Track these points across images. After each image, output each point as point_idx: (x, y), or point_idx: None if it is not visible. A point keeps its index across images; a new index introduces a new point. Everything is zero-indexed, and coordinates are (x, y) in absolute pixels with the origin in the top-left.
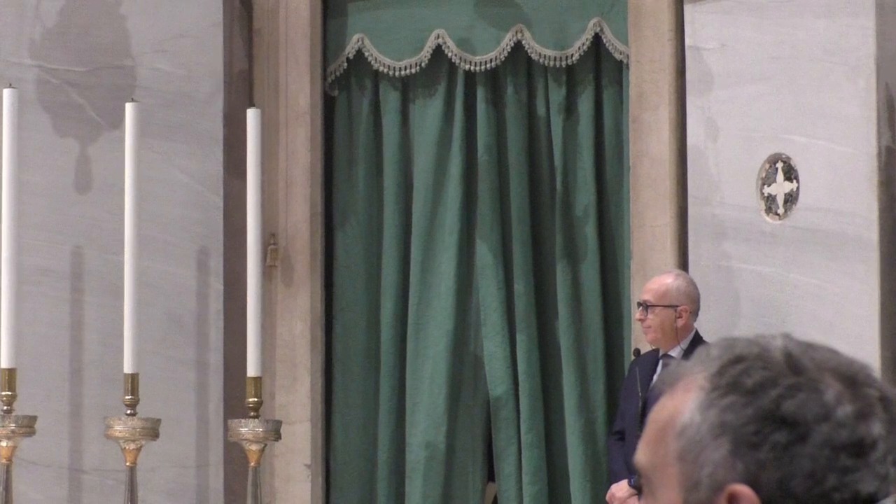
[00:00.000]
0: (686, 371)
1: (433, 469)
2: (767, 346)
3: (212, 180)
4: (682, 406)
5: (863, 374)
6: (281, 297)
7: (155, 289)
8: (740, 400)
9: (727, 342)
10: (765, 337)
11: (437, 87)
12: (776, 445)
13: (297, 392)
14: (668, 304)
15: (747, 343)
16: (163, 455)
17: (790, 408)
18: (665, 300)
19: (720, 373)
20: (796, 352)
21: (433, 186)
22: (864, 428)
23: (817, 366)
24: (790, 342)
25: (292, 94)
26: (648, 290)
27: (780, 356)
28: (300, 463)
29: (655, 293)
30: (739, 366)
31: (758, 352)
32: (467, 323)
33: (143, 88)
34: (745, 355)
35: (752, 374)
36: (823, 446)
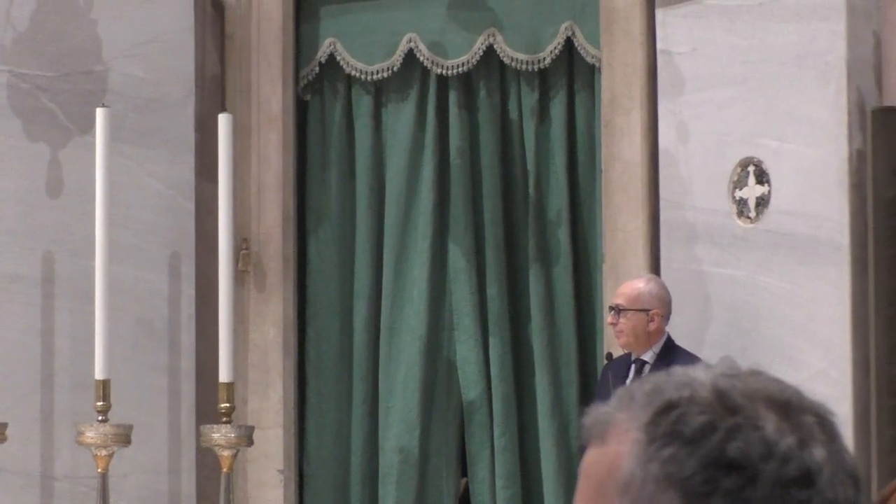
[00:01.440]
0: (612, 420)
1: (406, 473)
2: (695, 385)
3: (183, 185)
4: (619, 460)
5: (795, 398)
6: (253, 302)
7: (126, 294)
8: (682, 450)
9: (650, 384)
10: (687, 372)
11: (410, 91)
12: (728, 492)
13: (270, 397)
14: (641, 308)
15: (674, 385)
16: (135, 461)
17: (735, 451)
18: (637, 304)
19: (654, 422)
20: (726, 387)
21: (406, 190)
22: (808, 456)
23: (750, 399)
24: (716, 376)
25: (264, 99)
26: (620, 294)
27: (711, 395)
28: (273, 468)
29: (628, 297)
30: (674, 412)
31: (689, 395)
32: (440, 327)
33: (114, 93)
34: (676, 400)
35: (689, 420)
36: (775, 485)
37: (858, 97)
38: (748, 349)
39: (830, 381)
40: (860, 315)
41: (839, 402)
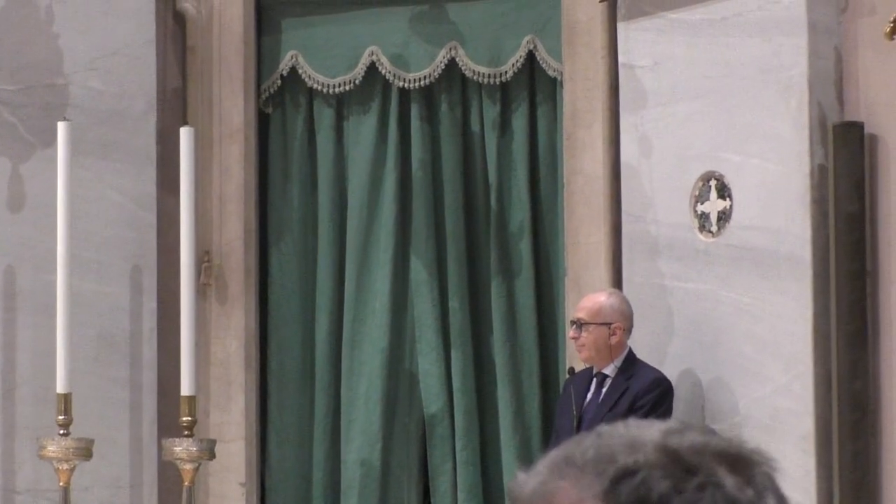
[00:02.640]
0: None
1: (368, 487)
2: (644, 447)
3: (145, 198)
4: None
5: (743, 451)
6: (215, 316)
7: (88, 308)
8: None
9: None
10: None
11: (372, 103)
12: None
13: (232, 410)
14: (603, 322)
15: (621, 448)
16: (96, 475)
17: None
18: (599, 318)
19: (614, 491)
20: (676, 446)
21: (368, 203)
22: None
23: (701, 455)
24: (662, 435)
25: (226, 112)
26: (582, 307)
27: (664, 456)
28: (235, 482)
29: (589, 311)
30: (634, 479)
31: (643, 459)
32: (402, 340)
33: (75, 107)
34: (632, 466)
35: (653, 485)
36: None
37: (820, 112)
38: (710, 363)
39: (793, 396)
40: (822, 330)
41: (801, 416)
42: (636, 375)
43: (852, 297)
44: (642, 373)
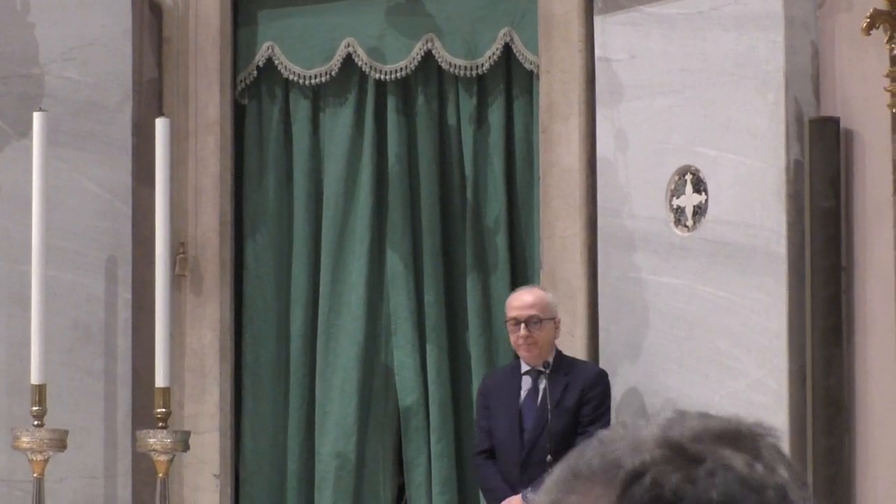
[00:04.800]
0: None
1: (343, 479)
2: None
3: (120, 189)
4: None
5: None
6: (190, 307)
7: (63, 299)
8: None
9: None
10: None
11: (348, 95)
12: None
13: (206, 402)
14: (551, 317)
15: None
16: (71, 466)
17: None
18: (549, 313)
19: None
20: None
21: (343, 195)
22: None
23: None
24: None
25: (202, 103)
26: (531, 305)
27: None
28: (209, 473)
29: (541, 307)
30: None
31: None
32: (378, 333)
33: (51, 97)
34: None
35: (664, 481)
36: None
37: (796, 107)
38: (685, 358)
39: (767, 391)
40: (797, 325)
41: (775, 411)
42: (574, 369)
43: (827, 293)
44: (581, 366)
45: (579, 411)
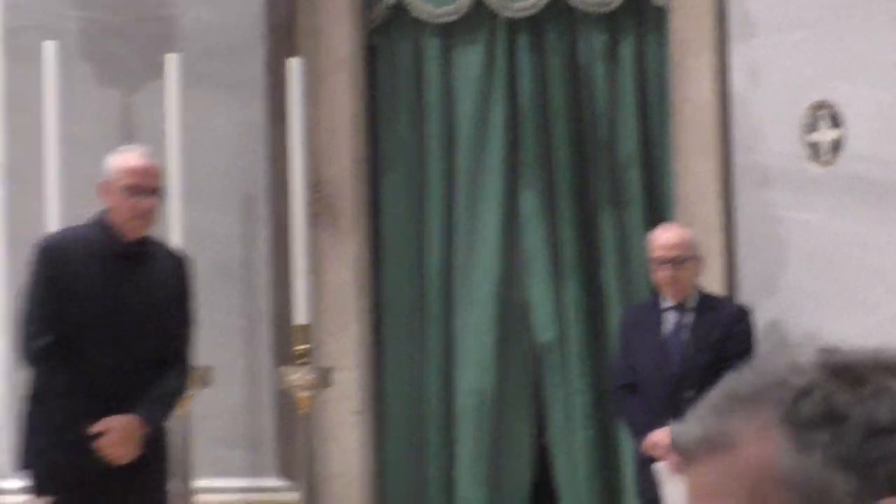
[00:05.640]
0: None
1: (482, 415)
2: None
3: (255, 129)
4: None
5: None
6: (327, 245)
7: (201, 237)
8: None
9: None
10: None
11: (478, 34)
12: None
13: (346, 339)
14: (695, 255)
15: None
16: (214, 403)
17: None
18: (692, 251)
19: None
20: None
21: (476, 134)
22: None
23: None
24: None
25: (334, 43)
26: (675, 245)
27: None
28: (350, 409)
29: (685, 246)
30: (811, 398)
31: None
32: (513, 270)
33: (185, 38)
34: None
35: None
36: None
37: None
38: (821, 293)
39: None
40: None
41: None
42: (716, 306)
43: None
44: (723, 303)
45: (722, 347)
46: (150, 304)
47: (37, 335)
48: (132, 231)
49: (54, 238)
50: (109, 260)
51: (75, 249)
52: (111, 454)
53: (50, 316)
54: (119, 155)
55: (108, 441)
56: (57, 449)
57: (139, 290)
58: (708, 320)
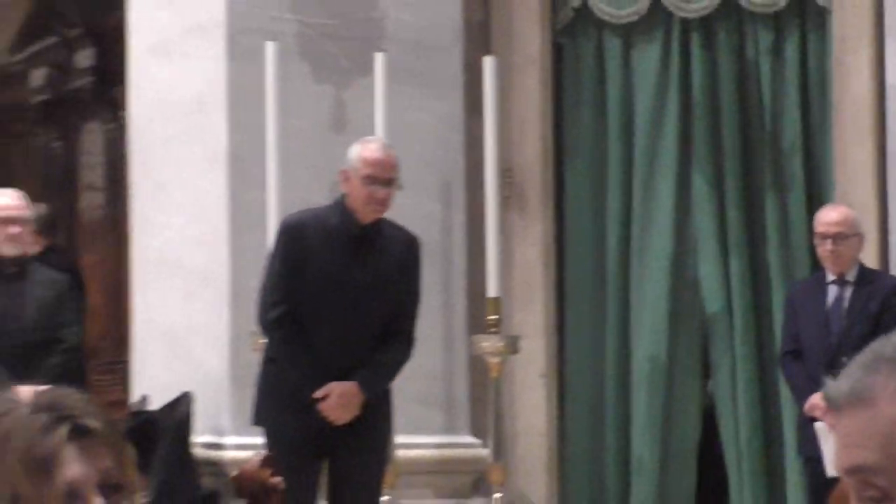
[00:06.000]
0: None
1: (655, 380)
2: None
3: (453, 121)
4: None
5: None
6: (517, 226)
7: (404, 220)
8: None
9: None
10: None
11: (656, 34)
12: None
13: (533, 311)
14: (857, 233)
15: None
16: (414, 368)
17: None
18: (855, 229)
19: None
20: None
21: (652, 125)
22: None
23: None
24: None
25: (524, 42)
26: (838, 222)
27: None
28: (536, 373)
29: (847, 224)
30: None
31: None
32: (685, 248)
33: (389, 39)
34: None
35: None
36: None
37: None
38: None
39: None
40: None
41: None
42: (876, 280)
43: None
44: (882, 277)
45: (878, 318)
46: (377, 281)
47: (273, 305)
48: (366, 216)
49: (295, 217)
50: (344, 240)
51: (313, 229)
52: (331, 416)
53: (285, 288)
54: (361, 146)
55: (328, 404)
56: (285, 409)
57: (368, 268)
58: (866, 293)
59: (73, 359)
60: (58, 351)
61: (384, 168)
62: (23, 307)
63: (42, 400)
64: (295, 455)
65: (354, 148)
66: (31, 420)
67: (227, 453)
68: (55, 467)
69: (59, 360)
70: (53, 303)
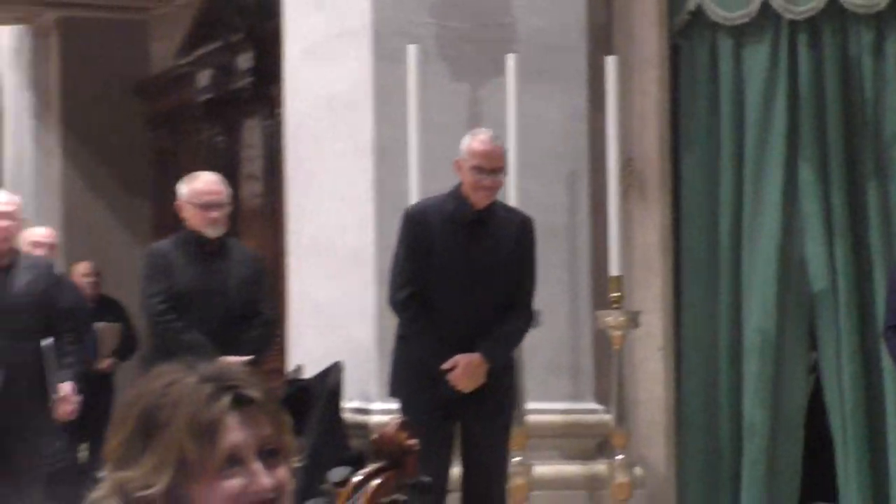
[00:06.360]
0: None
1: (766, 351)
2: None
3: (578, 115)
4: None
5: None
6: (637, 212)
7: (534, 205)
8: None
9: None
10: None
11: (765, 34)
12: None
13: (652, 288)
14: None
15: None
16: (543, 339)
17: None
18: None
19: None
20: None
21: (762, 118)
22: None
23: None
24: None
25: (644, 43)
26: None
27: None
28: (655, 345)
29: None
30: None
31: None
32: (792, 231)
33: (520, 41)
34: None
35: None
36: None
37: None
38: None
39: None
40: None
41: None
42: None
43: None
44: None
45: None
46: (494, 260)
47: (401, 287)
48: (478, 202)
49: (417, 207)
50: (460, 225)
51: (433, 216)
52: (459, 385)
53: (411, 271)
54: (471, 137)
55: (455, 374)
56: (417, 381)
57: (485, 249)
58: None
59: (270, 332)
60: (257, 324)
61: (490, 158)
62: (225, 283)
63: (209, 371)
64: (428, 421)
65: (465, 139)
66: (198, 389)
67: (373, 418)
68: (218, 434)
69: (258, 332)
70: (251, 279)
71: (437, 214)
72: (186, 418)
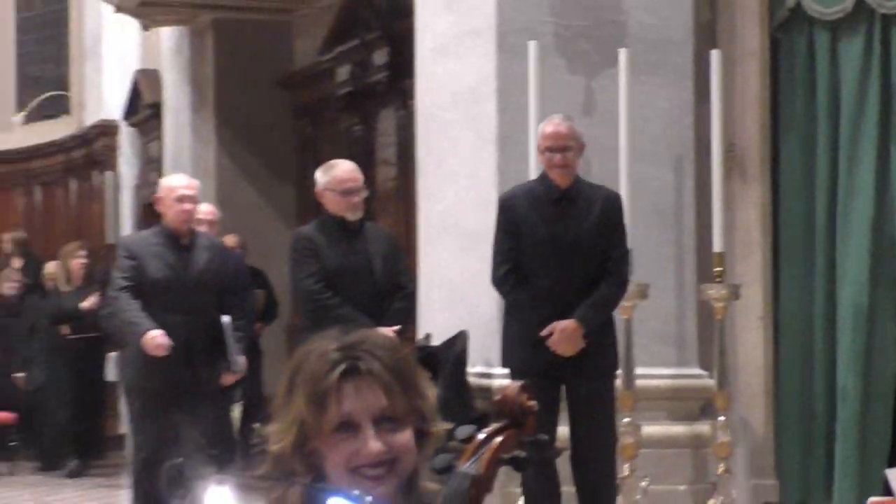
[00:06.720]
0: None
1: (859, 323)
2: None
3: (685, 105)
4: None
5: None
6: (738, 192)
7: (644, 187)
8: None
9: None
10: None
11: (860, 27)
12: None
13: (752, 263)
14: None
15: None
16: (650, 311)
17: None
18: None
19: None
20: None
21: (856, 106)
22: None
23: None
24: None
25: (746, 38)
26: None
27: None
28: (755, 316)
29: None
30: None
31: None
32: (884, 210)
33: (632, 37)
34: None
35: None
36: None
37: None
38: None
39: None
40: None
41: None
42: None
43: None
44: None
45: None
46: (581, 233)
47: (499, 265)
48: (559, 180)
49: (507, 193)
50: (547, 205)
51: (522, 198)
52: (558, 350)
53: (507, 250)
54: (544, 123)
55: (554, 340)
56: (522, 348)
57: (571, 225)
58: None
59: (412, 303)
60: (401, 297)
61: (555, 138)
62: (369, 261)
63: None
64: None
65: (539, 126)
66: (324, 359)
67: (495, 381)
68: (329, 401)
69: (402, 304)
70: (392, 255)
71: (525, 197)
72: (307, 385)
